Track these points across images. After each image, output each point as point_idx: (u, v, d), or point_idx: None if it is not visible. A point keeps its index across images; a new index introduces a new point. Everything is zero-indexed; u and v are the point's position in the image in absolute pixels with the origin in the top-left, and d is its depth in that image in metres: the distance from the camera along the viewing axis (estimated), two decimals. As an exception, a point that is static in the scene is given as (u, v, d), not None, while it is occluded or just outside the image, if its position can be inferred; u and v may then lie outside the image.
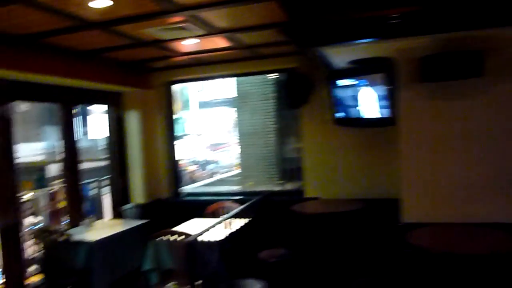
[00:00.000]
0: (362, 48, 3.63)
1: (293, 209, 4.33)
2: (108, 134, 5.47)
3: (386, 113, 4.03)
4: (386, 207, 4.03)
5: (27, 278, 4.18)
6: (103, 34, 3.71)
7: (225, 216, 4.13)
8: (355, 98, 4.32)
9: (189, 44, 4.25)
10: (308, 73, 4.83)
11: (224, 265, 3.75)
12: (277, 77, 6.74)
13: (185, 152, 12.17)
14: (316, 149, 4.94)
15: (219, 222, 3.89)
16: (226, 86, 15.69)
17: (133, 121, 5.53)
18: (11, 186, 3.99)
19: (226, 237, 3.91)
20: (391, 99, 3.85)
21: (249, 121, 7.82)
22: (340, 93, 4.48)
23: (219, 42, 4.26)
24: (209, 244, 3.71)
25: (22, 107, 10.07)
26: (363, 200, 4.41)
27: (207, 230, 3.66)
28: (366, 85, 4.20)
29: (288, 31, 3.70)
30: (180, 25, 3.56)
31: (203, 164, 15.22)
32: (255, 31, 3.86)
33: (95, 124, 8.56)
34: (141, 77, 5.35)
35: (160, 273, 4.01)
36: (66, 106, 4.70)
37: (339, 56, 3.98)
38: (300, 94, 4.88)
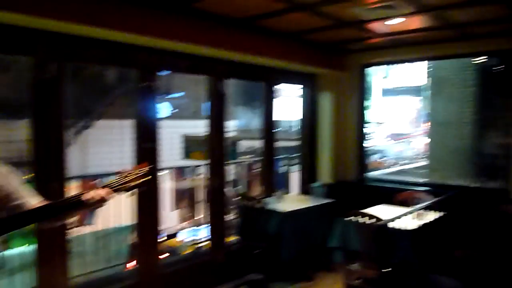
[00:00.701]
0: None
1: (505, 209, 3.83)
2: (301, 115, 5.72)
3: None
4: None
5: (227, 237, 4.73)
6: (308, 16, 3.84)
7: (418, 206, 3.91)
8: None
9: (391, 24, 4.09)
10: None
11: (416, 256, 3.57)
12: (483, 61, 6.00)
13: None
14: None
15: (412, 211, 3.71)
16: (414, 73, 14.78)
17: (325, 103, 5.66)
18: (220, 155, 4.55)
19: (419, 227, 3.70)
20: None
21: (443, 110, 7.21)
22: None
23: (423, 21, 3.98)
24: (400, 231, 3.58)
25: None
26: None
27: (399, 217, 3.53)
28: None
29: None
30: (388, 3, 3.45)
31: (381, 153, 14.75)
32: (474, 6, 3.47)
33: (287, 105, 9.09)
34: (336, 59, 5.40)
35: (345, 252, 4.05)
36: (268, 85, 5.09)
37: None
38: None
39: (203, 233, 5.35)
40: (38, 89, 3.18)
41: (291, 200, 4.99)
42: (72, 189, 3.76)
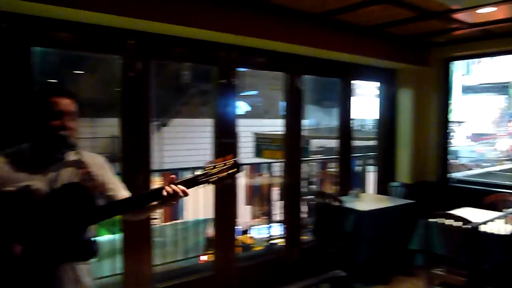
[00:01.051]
0: None
1: None
2: (377, 112, 5.52)
3: None
4: None
5: (301, 234, 4.68)
6: (389, 7, 3.69)
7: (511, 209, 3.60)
8: None
9: (482, 13, 3.81)
10: None
11: (510, 263, 3.28)
12: None
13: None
14: None
15: (505, 215, 3.41)
16: (499, 69, 13.73)
17: (405, 100, 5.41)
18: (295, 153, 4.52)
19: (514, 233, 3.40)
20: None
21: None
22: None
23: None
24: (493, 236, 3.30)
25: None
26: None
27: (491, 220, 3.26)
28: None
29: None
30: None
31: (461, 154, 13.86)
32: None
33: (361, 103, 8.84)
34: (417, 53, 5.14)
35: (427, 256, 3.83)
36: (345, 81, 4.96)
37: None
38: None
39: (276, 230, 5.35)
40: (126, 87, 3.35)
41: (368, 200, 4.84)
42: (156, 182, 3.93)
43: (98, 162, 1.94)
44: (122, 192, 1.92)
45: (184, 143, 10.10)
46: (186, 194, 1.82)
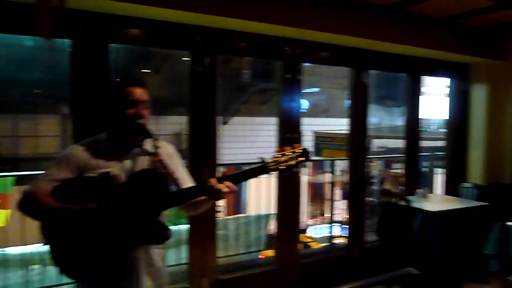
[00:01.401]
0: None
1: None
2: (448, 110, 5.26)
3: None
4: None
5: (364, 233, 4.56)
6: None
7: None
8: None
9: None
10: None
11: None
12: None
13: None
14: None
15: None
16: None
17: (479, 97, 5.09)
18: (360, 151, 4.42)
19: None
20: None
21: None
22: None
23: None
24: None
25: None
26: None
27: None
28: None
29: None
30: None
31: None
32: None
33: (427, 102, 8.46)
34: (493, 46, 4.81)
35: (503, 261, 3.59)
36: (413, 77, 4.77)
37: None
38: None
39: (337, 230, 5.27)
40: (194, 81, 3.44)
41: (436, 200, 4.61)
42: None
43: (170, 152, 2.00)
44: (188, 183, 1.97)
45: (243, 141, 10.22)
46: (234, 191, 1.82)
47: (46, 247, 1.75)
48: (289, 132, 3.84)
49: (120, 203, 1.74)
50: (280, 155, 1.82)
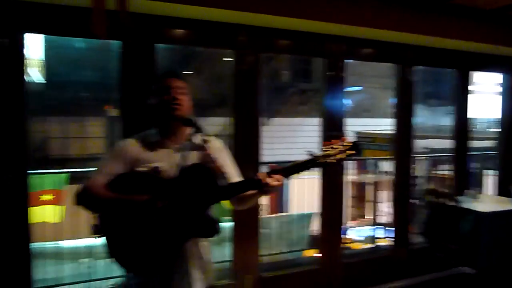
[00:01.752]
0: None
1: None
2: (501, 107, 5.02)
3: None
4: None
5: (411, 234, 4.42)
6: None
7: None
8: None
9: None
10: None
11: None
12: None
13: None
14: None
15: None
16: None
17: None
18: (406, 151, 4.29)
19: None
20: None
21: None
22: None
23: None
24: None
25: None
26: None
27: None
28: None
29: None
30: None
31: None
32: None
33: (475, 101, 8.14)
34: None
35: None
36: (462, 72, 4.59)
37: None
38: None
39: (380, 232, 5.15)
40: (238, 80, 3.47)
41: (488, 201, 4.41)
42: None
43: (218, 146, 2.03)
44: (236, 178, 1.99)
45: (282, 142, 10.20)
46: (282, 185, 1.83)
47: (101, 240, 1.81)
48: (333, 131, 3.79)
49: (172, 197, 1.77)
50: (330, 149, 1.80)
